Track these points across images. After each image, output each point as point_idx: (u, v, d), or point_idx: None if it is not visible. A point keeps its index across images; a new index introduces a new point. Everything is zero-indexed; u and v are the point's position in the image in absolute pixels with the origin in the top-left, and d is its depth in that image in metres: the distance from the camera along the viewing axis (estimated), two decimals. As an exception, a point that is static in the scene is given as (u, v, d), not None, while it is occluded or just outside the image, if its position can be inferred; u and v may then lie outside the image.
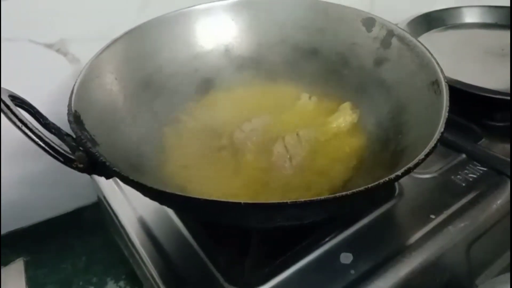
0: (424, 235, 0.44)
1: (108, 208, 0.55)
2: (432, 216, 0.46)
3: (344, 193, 0.30)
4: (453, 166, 0.52)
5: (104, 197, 0.55)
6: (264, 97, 0.55)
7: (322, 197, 0.30)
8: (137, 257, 0.48)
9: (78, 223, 0.70)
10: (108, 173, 0.34)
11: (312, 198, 0.30)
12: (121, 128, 0.45)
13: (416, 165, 0.33)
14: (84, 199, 0.71)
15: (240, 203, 0.30)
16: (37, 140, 0.30)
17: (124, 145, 0.44)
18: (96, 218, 0.66)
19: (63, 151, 0.32)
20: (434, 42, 0.47)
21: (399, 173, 0.33)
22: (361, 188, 0.31)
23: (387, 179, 0.32)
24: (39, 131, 0.31)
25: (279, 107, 0.52)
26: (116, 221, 0.52)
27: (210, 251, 0.44)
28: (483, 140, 0.56)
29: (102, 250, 0.65)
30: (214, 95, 0.56)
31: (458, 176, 0.51)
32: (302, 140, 0.45)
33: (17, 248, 0.65)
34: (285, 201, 0.29)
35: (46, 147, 0.31)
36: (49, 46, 0.57)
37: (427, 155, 0.34)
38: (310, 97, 0.53)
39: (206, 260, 0.43)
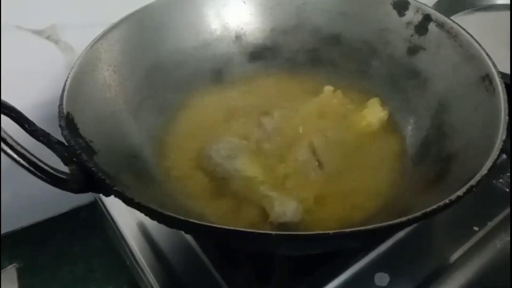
0: (468, 250, 0.40)
1: (105, 211, 0.50)
2: (476, 229, 0.41)
3: (398, 220, 0.25)
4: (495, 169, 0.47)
5: (100, 199, 0.51)
6: (280, 90, 0.48)
7: (373, 226, 0.25)
8: (137, 268, 0.43)
9: (76, 225, 0.65)
10: (108, 192, 0.29)
11: (361, 228, 0.24)
12: (122, 129, 0.40)
13: (479, 182, 0.28)
14: (81, 198, 0.65)
15: (270, 234, 0.24)
16: (18, 159, 0.25)
17: (125, 149, 0.38)
18: (94, 219, 0.61)
19: (51, 171, 0.26)
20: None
21: (460, 193, 0.27)
22: (418, 214, 0.26)
23: (447, 201, 0.27)
24: (21, 146, 0.25)
25: (298, 102, 0.46)
26: (114, 226, 0.47)
27: (223, 268, 0.39)
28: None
29: (101, 255, 0.60)
30: (225, 88, 0.50)
31: (501, 180, 0.45)
32: (332, 144, 0.39)
33: (9, 253, 0.59)
34: (327, 232, 0.24)
35: (31, 168, 0.25)
36: (38, 32, 0.50)
37: (490, 169, 0.29)
38: (334, 91, 0.47)
39: (218, 278, 0.38)
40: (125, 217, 0.46)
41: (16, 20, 0.49)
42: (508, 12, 0.69)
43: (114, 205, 0.48)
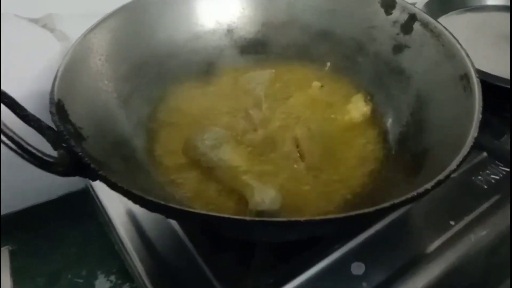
0: (443, 243, 0.41)
1: (96, 198, 0.51)
2: (452, 223, 0.42)
3: (367, 210, 0.26)
4: (473, 166, 0.48)
5: (91, 186, 0.51)
6: (269, 84, 0.49)
7: (344, 215, 0.26)
8: (125, 253, 0.45)
9: (70, 209, 0.66)
10: (94, 176, 0.30)
11: (332, 216, 0.26)
12: (112, 117, 0.41)
13: (447, 177, 0.29)
14: (77, 183, 0.66)
15: (245, 219, 0.26)
16: (6, 141, 0.26)
17: (114, 137, 0.40)
18: (87, 204, 0.62)
19: (38, 154, 0.27)
20: (451, 26, 0.42)
21: (428, 186, 0.28)
22: (386, 204, 0.27)
23: (415, 193, 0.28)
24: (9, 129, 0.26)
25: (286, 96, 0.48)
26: (104, 213, 0.49)
27: (207, 254, 0.40)
28: (506, 136, 0.52)
29: (93, 240, 0.61)
30: (216, 80, 0.51)
31: (479, 177, 0.47)
32: (315, 137, 0.40)
33: (3, 236, 0.61)
34: (297, 219, 0.25)
35: (18, 150, 0.26)
36: (35, 21, 0.51)
37: (459, 164, 0.30)
38: (321, 86, 0.48)
39: (202, 264, 0.40)
40: (114, 204, 0.47)
41: (13, 8, 0.50)
42: (498, 13, 0.70)
43: (104, 192, 0.49)
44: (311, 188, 0.38)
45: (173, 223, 0.43)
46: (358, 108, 0.44)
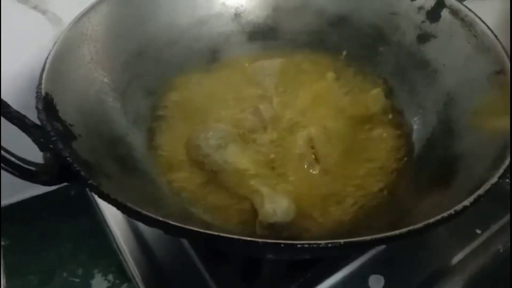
0: (468, 254, 0.37)
1: (90, 196, 0.48)
2: (478, 231, 0.39)
3: (392, 233, 0.23)
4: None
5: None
6: (280, 74, 0.45)
7: (369, 238, 0.22)
8: (121, 254, 0.42)
9: (66, 203, 0.63)
10: (84, 185, 0.26)
11: (356, 239, 0.22)
12: (106, 111, 0.37)
13: (488, 191, 0.25)
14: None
15: (257, 242, 0.22)
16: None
17: (109, 134, 0.36)
18: (83, 198, 0.59)
19: (18, 162, 0.24)
20: (482, 13, 0.38)
21: (467, 203, 0.25)
22: (417, 226, 0.23)
23: (452, 212, 0.24)
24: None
25: (298, 88, 0.44)
26: (99, 212, 0.45)
27: (207, 260, 0.37)
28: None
29: (90, 236, 0.58)
30: (220, 69, 0.47)
31: (507, 180, 0.43)
32: (331, 136, 0.36)
33: (-5, 229, 0.58)
34: (316, 242, 0.22)
35: (-6, 160, 0.23)
36: (24, 1, 0.47)
37: (500, 177, 0.26)
38: (336, 77, 0.44)
39: (201, 269, 0.37)
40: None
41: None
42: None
43: None
44: (326, 194, 0.34)
45: None
46: (378, 104, 0.40)
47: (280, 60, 0.46)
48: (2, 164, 0.23)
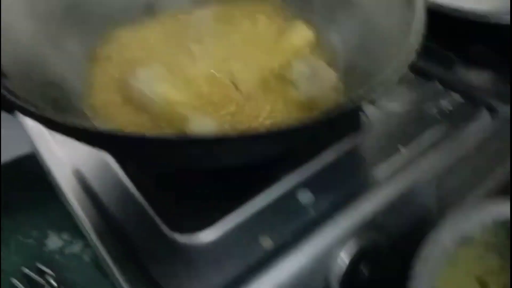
0: (392, 169, 0.40)
1: (41, 160, 0.48)
2: (401, 148, 0.41)
3: (299, 122, 0.25)
4: (425, 96, 0.47)
5: (36, 150, 0.49)
6: (213, 21, 0.47)
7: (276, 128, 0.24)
8: (74, 212, 0.42)
9: (18, 175, 0.63)
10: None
11: (262, 130, 0.24)
12: (40, 57, 0.38)
13: (381, 84, 0.28)
14: (23, 147, 0.63)
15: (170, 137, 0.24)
16: None
17: (43, 77, 0.37)
18: (37, 169, 0.60)
19: None
20: None
21: (361, 93, 0.27)
22: (319, 116, 0.25)
23: (349, 101, 0.26)
24: None
25: (230, 32, 0.45)
26: (50, 175, 0.46)
27: (152, 197, 0.38)
28: (457, 68, 0.51)
29: (44, 203, 0.59)
30: (156, 21, 0.48)
31: (431, 107, 0.46)
32: (252, 66, 0.38)
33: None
34: (228, 133, 0.24)
35: None
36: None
37: (395, 75, 0.29)
38: (264, 17, 0.46)
39: (148, 208, 0.38)
40: (60, 166, 0.45)
41: None
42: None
43: (50, 155, 0.46)
44: (250, 119, 0.36)
45: (123, 177, 0.41)
46: (298, 34, 0.42)
47: (213, 8, 0.48)
48: None
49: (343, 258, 0.36)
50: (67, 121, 0.25)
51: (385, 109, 0.45)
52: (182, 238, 0.35)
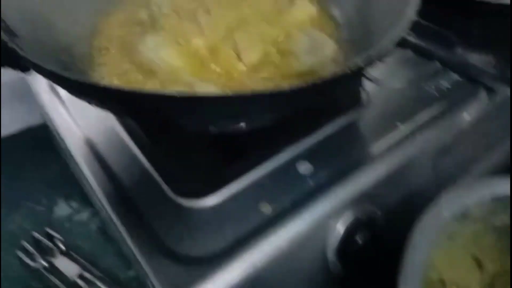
0: (390, 143, 0.41)
1: (54, 130, 0.50)
2: (399, 124, 0.43)
3: (296, 85, 0.26)
4: (425, 75, 0.48)
5: (50, 119, 0.50)
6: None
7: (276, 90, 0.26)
8: (84, 180, 0.44)
9: (29, 144, 0.65)
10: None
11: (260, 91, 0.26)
12: (49, 24, 0.39)
13: (378, 52, 0.29)
14: (36, 118, 0.65)
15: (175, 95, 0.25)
16: None
17: (53, 41, 0.38)
18: (48, 139, 0.61)
19: None
20: None
21: (358, 61, 0.28)
22: (319, 80, 0.27)
23: (346, 69, 0.28)
24: None
25: (236, 2, 0.46)
26: (61, 142, 0.48)
27: (159, 165, 0.40)
28: (457, 48, 0.52)
29: (54, 171, 0.61)
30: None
31: (430, 85, 0.47)
32: (255, 38, 0.40)
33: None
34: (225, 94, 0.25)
35: None
36: None
37: (391, 43, 0.30)
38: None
39: (155, 175, 0.40)
40: (72, 135, 0.46)
41: None
42: None
43: (61, 124, 0.48)
44: (251, 83, 0.38)
45: (132, 146, 0.42)
46: (301, 8, 0.43)
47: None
48: None
49: (340, 227, 0.38)
50: (85, 79, 0.26)
51: (384, 86, 0.46)
52: (187, 203, 0.37)
